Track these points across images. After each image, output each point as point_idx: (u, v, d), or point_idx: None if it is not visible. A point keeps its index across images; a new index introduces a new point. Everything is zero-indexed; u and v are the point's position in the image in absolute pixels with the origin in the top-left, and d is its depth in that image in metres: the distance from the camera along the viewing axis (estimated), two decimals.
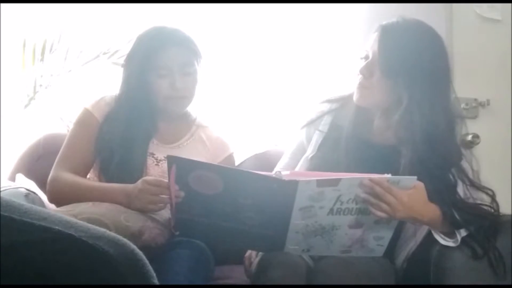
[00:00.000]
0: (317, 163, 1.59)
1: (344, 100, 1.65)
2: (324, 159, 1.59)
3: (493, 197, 1.48)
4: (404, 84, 1.47)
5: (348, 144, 1.55)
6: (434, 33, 1.54)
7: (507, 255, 1.39)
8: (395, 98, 1.50)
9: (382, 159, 1.49)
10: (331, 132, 1.63)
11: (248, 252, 1.59)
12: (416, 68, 1.47)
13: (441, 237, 1.43)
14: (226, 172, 1.35)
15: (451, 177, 1.47)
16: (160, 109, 1.70)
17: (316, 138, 1.64)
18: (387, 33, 1.51)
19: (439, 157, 1.45)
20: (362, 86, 1.54)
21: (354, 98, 1.57)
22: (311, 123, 1.67)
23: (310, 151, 1.64)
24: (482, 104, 2.36)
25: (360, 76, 1.54)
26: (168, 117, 1.74)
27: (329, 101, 1.69)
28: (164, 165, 1.60)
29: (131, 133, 1.65)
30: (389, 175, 1.33)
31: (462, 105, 2.31)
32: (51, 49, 2.33)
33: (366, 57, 1.54)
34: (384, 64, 1.49)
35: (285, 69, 2.46)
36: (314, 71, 2.42)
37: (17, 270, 0.88)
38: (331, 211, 1.33)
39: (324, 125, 1.65)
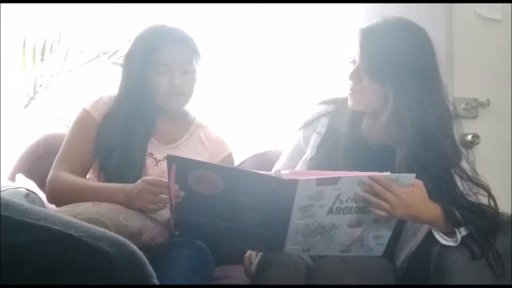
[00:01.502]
0: (315, 165, 1.59)
1: (341, 102, 1.65)
2: (322, 160, 1.59)
3: (488, 191, 1.48)
4: (390, 84, 1.47)
5: (346, 146, 1.55)
6: (416, 29, 1.54)
7: (507, 254, 1.39)
8: (383, 99, 1.50)
9: (380, 160, 1.49)
10: (328, 134, 1.63)
11: (248, 252, 1.59)
12: (399, 66, 1.47)
13: (441, 237, 1.43)
14: (226, 172, 1.35)
15: (449, 174, 1.47)
16: (159, 107, 1.70)
17: (314, 139, 1.64)
18: (366, 36, 1.52)
19: (434, 154, 1.45)
20: (353, 91, 1.55)
21: (349, 103, 1.57)
22: (308, 125, 1.67)
23: (308, 153, 1.64)
24: (482, 104, 2.36)
25: (350, 83, 1.55)
26: (167, 116, 1.74)
27: (325, 102, 1.69)
28: (163, 165, 1.60)
29: (130, 132, 1.65)
30: (388, 173, 1.33)
31: (462, 105, 2.31)
32: (51, 49, 2.33)
33: (354, 62, 1.54)
34: (367, 67, 1.49)
35: (284, 69, 2.46)
36: (313, 71, 2.42)
37: (17, 270, 0.88)
38: (330, 210, 1.33)
39: (321, 127, 1.65)
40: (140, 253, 0.95)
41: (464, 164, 1.51)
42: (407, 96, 1.46)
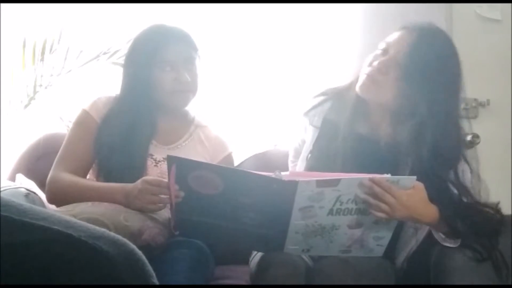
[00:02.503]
0: (313, 163, 1.58)
1: (337, 94, 1.64)
2: (319, 158, 1.58)
3: (498, 210, 1.47)
4: (425, 94, 1.43)
5: (346, 141, 1.53)
6: (454, 44, 1.52)
7: (507, 255, 1.39)
8: (407, 104, 1.45)
9: (379, 156, 1.49)
10: (324, 128, 1.61)
11: None
12: (441, 79, 1.44)
13: (442, 237, 1.43)
14: (226, 172, 1.35)
15: (452, 185, 1.46)
16: (162, 106, 1.70)
17: (312, 134, 1.63)
18: (423, 38, 1.46)
19: (442, 167, 1.43)
20: (372, 79, 1.49)
21: (359, 87, 1.52)
22: (306, 115, 1.67)
23: (306, 150, 1.63)
24: (482, 104, 2.37)
25: (374, 69, 1.49)
26: (167, 116, 1.73)
27: (322, 94, 1.67)
28: (163, 166, 1.60)
29: (134, 132, 1.65)
30: (389, 175, 1.33)
31: (462, 105, 2.31)
32: (51, 49, 2.33)
33: (385, 52, 1.50)
34: (411, 69, 1.43)
35: (284, 69, 2.46)
36: (313, 71, 2.42)
37: (16, 270, 0.88)
38: (330, 211, 1.33)
39: (318, 120, 1.64)
40: (139, 252, 0.95)
41: (463, 166, 1.50)
42: (437, 109, 1.43)
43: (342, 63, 2.37)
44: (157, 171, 1.65)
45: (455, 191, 1.45)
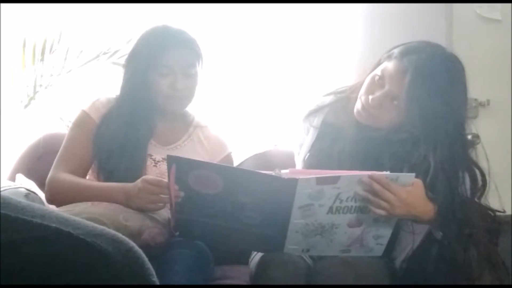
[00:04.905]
0: (312, 163, 1.58)
1: (340, 96, 1.64)
2: (319, 158, 1.58)
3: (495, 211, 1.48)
4: (431, 117, 1.44)
5: (349, 142, 1.54)
6: (461, 70, 1.54)
7: (507, 255, 1.39)
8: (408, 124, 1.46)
9: (383, 157, 1.49)
10: (323, 130, 1.61)
11: None
12: (446, 101, 1.44)
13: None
14: (226, 171, 1.35)
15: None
16: (159, 109, 1.70)
17: (312, 134, 1.63)
18: (419, 79, 1.43)
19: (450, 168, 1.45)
20: (368, 112, 1.51)
21: (356, 113, 1.54)
22: (308, 116, 1.67)
23: (305, 149, 1.63)
24: (482, 104, 2.37)
25: (368, 104, 1.50)
26: (166, 117, 1.73)
27: (326, 95, 1.68)
28: (162, 166, 1.60)
29: (131, 133, 1.65)
30: (388, 172, 1.33)
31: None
32: (51, 49, 2.33)
33: (381, 82, 1.49)
34: (412, 107, 1.43)
35: (285, 69, 2.46)
36: (313, 71, 2.42)
37: (14, 268, 0.88)
38: (330, 210, 1.33)
39: (317, 121, 1.64)
40: (139, 250, 0.94)
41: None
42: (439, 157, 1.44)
43: (343, 63, 2.37)
44: (156, 171, 1.65)
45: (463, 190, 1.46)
